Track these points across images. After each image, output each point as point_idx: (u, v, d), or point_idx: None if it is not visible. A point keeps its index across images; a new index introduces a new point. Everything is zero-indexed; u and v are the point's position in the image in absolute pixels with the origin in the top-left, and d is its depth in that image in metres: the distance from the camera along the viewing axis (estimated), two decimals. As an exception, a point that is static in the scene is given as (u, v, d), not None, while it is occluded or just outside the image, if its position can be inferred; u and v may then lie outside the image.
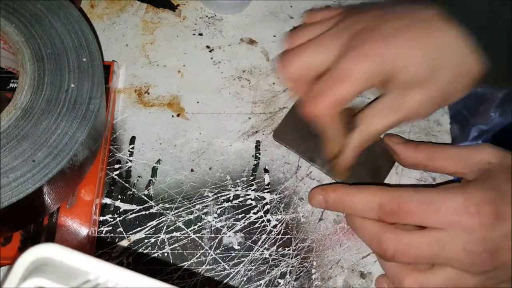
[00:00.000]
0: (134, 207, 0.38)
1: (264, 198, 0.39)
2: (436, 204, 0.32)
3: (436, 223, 0.31)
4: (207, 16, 0.46)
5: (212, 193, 0.39)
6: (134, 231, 0.38)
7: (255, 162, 0.40)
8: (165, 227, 0.38)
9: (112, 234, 0.38)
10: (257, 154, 0.41)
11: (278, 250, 0.38)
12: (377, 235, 0.33)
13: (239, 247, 0.38)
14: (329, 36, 0.36)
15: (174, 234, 0.38)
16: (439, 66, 0.33)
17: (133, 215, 0.38)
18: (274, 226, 0.39)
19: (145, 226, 0.38)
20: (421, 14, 0.34)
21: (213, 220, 0.38)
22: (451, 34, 0.33)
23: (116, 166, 0.40)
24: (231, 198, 0.39)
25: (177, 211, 0.38)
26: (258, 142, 0.41)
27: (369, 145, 0.37)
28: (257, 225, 0.38)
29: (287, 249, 0.38)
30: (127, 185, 0.39)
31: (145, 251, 0.37)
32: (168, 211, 0.38)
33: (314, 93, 0.35)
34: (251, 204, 0.39)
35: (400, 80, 0.34)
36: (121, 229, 0.38)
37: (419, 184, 0.40)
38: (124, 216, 0.38)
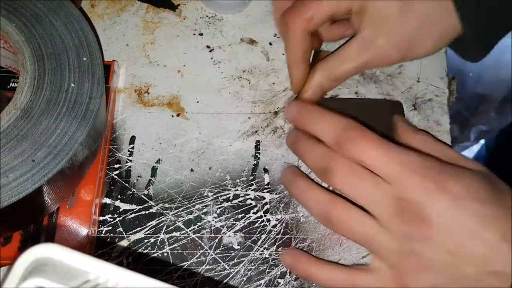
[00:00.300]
0: (133, 207, 0.38)
1: (264, 198, 0.39)
2: (393, 151, 0.30)
3: (384, 168, 0.30)
4: (207, 16, 0.46)
5: (212, 193, 0.39)
6: (133, 231, 0.38)
7: (255, 162, 0.40)
8: (164, 227, 0.38)
9: (111, 234, 0.38)
10: (257, 154, 0.41)
11: (278, 249, 0.38)
12: (328, 155, 0.32)
13: (239, 247, 0.38)
14: None
15: (174, 234, 0.38)
16: (411, 7, 0.35)
17: (133, 215, 0.38)
18: (274, 226, 0.39)
19: (144, 226, 0.38)
20: None
21: (213, 220, 0.38)
22: None
23: (116, 166, 0.40)
24: (230, 198, 0.39)
25: (176, 211, 0.38)
26: (258, 142, 0.41)
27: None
28: (257, 225, 0.38)
29: (287, 248, 0.38)
30: (126, 185, 0.39)
31: (144, 251, 0.37)
32: (167, 211, 0.38)
33: (294, 6, 0.37)
34: (250, 204, 0.39)
35: (373, 14, 0.36)
36: (120, 229, 0.38)
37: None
38: (124, 216, 0.38)
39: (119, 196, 0.39)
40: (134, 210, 0.38)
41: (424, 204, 0.29)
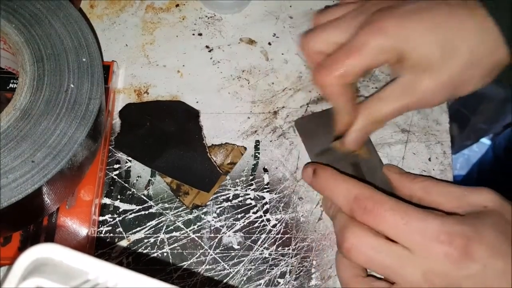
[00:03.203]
0: (133, 207, 0.38)
1: (264, 198, 0.39)
2: (410, 219, 0.30)
3: (402, 237, 0.30)
4: (206, 16, 0.46)
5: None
6: (133, 231, 0.38)
7: (255, 162, 0.40)
8: (164, 227, 0.38)
9: (111, 234, 0.38)
10: (257, 154, 0.41)
11: (278, 249, 0.38)
12: (345, 224, 0.32)
13: (238, 247, 0.38)
14: (350, 15, 0.36)
15: (174, 234, 0.38)
16: (454, 49, 0.32)
17: (133, 215, 0.38)
18: (274, 226, 0.39)
19: (144, 226, 0.38)
20: None
21: (213, 220, 0.38)
22: (475, 20, 0.32)
23: (116, 166, 0.40)
24: (230, 198, 0.39)
25: (176, 211, 0.39)
26: (257, 141, 0.41)
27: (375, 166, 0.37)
28: (256, 224, 0.38)
29: (286, 248, 0.38)
30: (126, 185, 0.39)
31: (144, 251, 0.37)
32: (167, 211, 0.38)
33: (325, 63, 0.35)
34: (250, 203, 0.39)
35: (413, 61, 0.33)
36: (120, 229, 0.38)
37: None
38: (124, 216, 0.38)
39: (118, 196, 0.39)
40: (134, 210, 0.38)
41: (451, 275, 0.29)
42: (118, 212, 0.38)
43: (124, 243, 0.37)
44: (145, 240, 0.38)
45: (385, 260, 0.30)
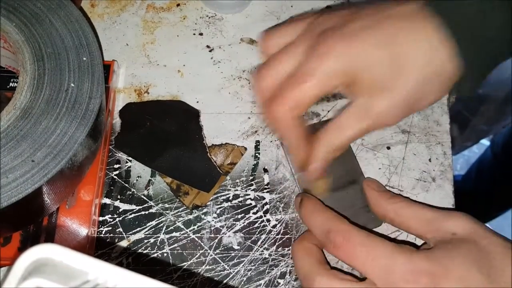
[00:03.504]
0: (133, 207, 0.38)
1: (264, 198, 0.39)
2: (377, 255, 0.30)
3: (370, 274, 0.30)
4: (207, 16, 0.46)
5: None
6: (133, 231, 0.38)
7: (255, 162, 0.40)
8: (164, 227, 0.38)
9: (111, 234, 0.38)
10: (257, 154, 0.41)
11: (278, 250, 0.38)
12: (312, 275, 0.32)
13: (238, 247, 0.38)
14: (297, 40, 0.34)
15: (174, 234, 0.38)
16: (407, 66, 0.31)
17: (133, 215, 0.38)
18: (274, 226, 0.38)
19: (144, 226, 0.38)
20: (395, 11, 0.32)
21: (213, 220, 0.38)
22: (426, 33, 0.30)
23: (116, 166, 0.40)
24: (230, 198, 0.39)
25: (176, 211, 0.38)
26: (257, 142, 0.41)
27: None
28: (256, 225, 0.38)
29: (286, 249, 0.38)
30: (126, 185, 0.39)
31: (144, 251, 0.37)
32: (167, 211, 0.38)
33: (275, 95, 0.33)
34: (250, 204, 0.39)
35: (365, 82, 0.32)
36: (120, 229, 0.38)
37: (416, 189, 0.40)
38: (124, 216, 0.38)
39: (119, 196, 0.39)
40: (134, 210, 0.38)
41: None
42: (118, 212, 0.38)
43: (124, 243, 0.37)
44: (145, 241, 0.37)
45: None
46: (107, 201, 0.38)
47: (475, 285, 0.28)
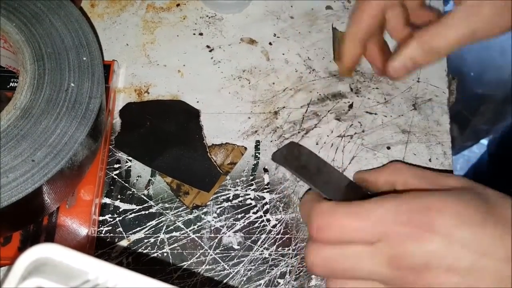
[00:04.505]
0: (133, 207, 0.38)
1: (264, 198, 0.39)
2: (365, 213, 0.28)
3: (363, 235, 0.28)
4: (207, 16, 0.46)
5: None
6: (133, 231, 0.38)
7: (255, 162, 0.40)
8: (164, 227, 0.38)
9: (111, 234, 0.38)
10: (257, 154, 0.41)
11: (278, 249, 0.38)
12: (305, 248, 0.30)
13: (238, 247, 0.38)
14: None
15: (174, 234, 0.38)
16: None
17: (133, 215, 0.38)
18: (274, 226, 0.38)
19: (144, 226, 0.38)
20: None
21: (213, 220, 0.38)
22: None
23: (116, 165, 0.40)
24: (230, 198, 0.39)
25: (176, 211, 0.38)
26: (257, 141, 0.41)
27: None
28: (256, 224, 0.38)
29: (286, 248, 0.38)
30: (126, 184, 0.39)
31: (144, 251, 0.37)
32: (167, 211, 0.38)
33: None
34: (250, 203, 0.39)
35: None
36: (120, 229, 0.38)
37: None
38: (124, 216, 0.38)
39: (119, 196, 0.39)
40: (134, 210, 0.38)
41: (417, 253, 0.26)
42: (118, 212, 0.38)
43: (124, 243, 0.37)
44: (145, 240, 0.37)
45: (344, 264, 0.28)
46: (107, 200, 0.38)
47: (472, 222, 0.27)
